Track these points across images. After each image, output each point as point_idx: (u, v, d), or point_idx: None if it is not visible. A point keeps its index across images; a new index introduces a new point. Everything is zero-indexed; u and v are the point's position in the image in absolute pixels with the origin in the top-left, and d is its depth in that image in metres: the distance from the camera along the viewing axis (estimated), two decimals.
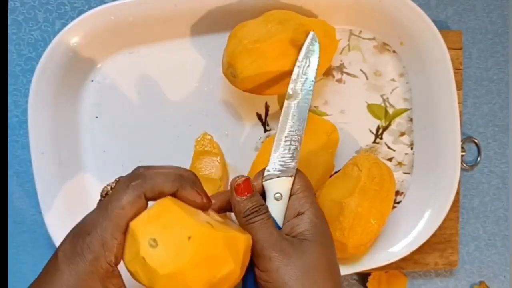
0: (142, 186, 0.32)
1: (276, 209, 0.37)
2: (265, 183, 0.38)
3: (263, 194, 0.38)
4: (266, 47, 0.41)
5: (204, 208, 0.35)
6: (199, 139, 0.48)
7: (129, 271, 0.32)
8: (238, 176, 0.37)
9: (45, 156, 0.46)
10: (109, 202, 0.32)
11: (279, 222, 0.37)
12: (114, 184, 0.34)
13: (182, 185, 0.33)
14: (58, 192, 0.46)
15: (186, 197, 0.34)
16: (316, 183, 0.47)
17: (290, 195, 0.38)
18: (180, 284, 0.31)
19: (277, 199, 0.37)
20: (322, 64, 0.45)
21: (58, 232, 0.46)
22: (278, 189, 0.37)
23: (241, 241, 0.33)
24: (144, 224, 0.31)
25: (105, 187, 0.35)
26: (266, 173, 0.38)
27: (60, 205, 0.46)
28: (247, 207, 0.36)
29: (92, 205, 0.34)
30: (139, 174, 0.33)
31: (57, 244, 0.46)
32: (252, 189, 0.36)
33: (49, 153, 0.46)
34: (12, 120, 0.50)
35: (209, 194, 0.36)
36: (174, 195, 0.34)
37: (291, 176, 0.38)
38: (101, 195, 0.35)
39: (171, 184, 0.33)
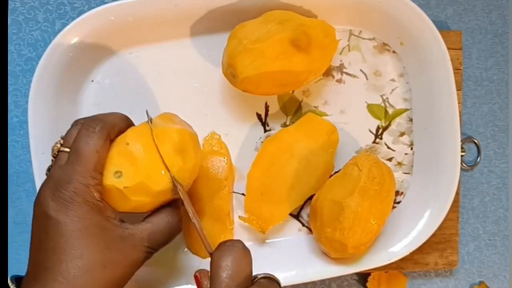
0: (106, 128, 0.36)
1: None
2: None
3: None
4: (266, 47, 0.41)
5: None
6: (207, 138, 0.48)
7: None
8: (199, 270, 0.36)
9: (45, 156, 0.46)
10: (79, 151, 0.35)
11: None
12: (62, 141, 0.37)
13: (130, 123, 0.39)
14: None
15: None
16: (315, 184, 0.47)
17: None
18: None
19: None
20: (322, 64, 0.45)
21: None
22: None
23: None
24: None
25: (55, 146, 0.37)
26: None
27: None
28: None
29: None
30: (98, 119, 0.37)
31: None
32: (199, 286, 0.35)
33: (49, 153, 0.46)
34: (12, 120, 0.50)
35: (215, 194, 0.46)
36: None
37: None
38: (53, 155, 0.37)
39: (125, 123, 0.38)
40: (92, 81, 0.48)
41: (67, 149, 0.36)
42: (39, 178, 0.45)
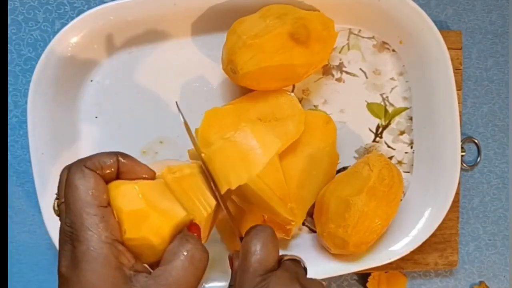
0: (85, 162, 0.31)
1: None
2: None
3: None
4: (265, 41, 0.41)
5: (151, 176, 0.34)
6: None
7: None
8: (234, 251, 0.36)
9: (45, 156, 0.46)
10: (69, 198, 0.30)
11: None
12: (57, 197, 0.33)
13: (119, 155, 0.32)
14: None
15: (130, 166, 0.33)
16: (324, 177, 0.47)
17: None
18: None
19: None
20: (322, 57, 0.45)
21: (58, 232, 0.46)
22: None
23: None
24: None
25: (54, 203, 0.35)
26: None
27: None
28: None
29: None
30: (82, 158, 0.32)
31: (57, 244, 0.46)
32: (232, 267, 0.35)
33: (49, 153, 0.46)
34: (12, 120, 0.50)
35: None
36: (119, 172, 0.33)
37: None
38: (57, 214, 0.33)
39: (110, 156, 0.32)
40: (92, 81, 0.48)
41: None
42: (39, 178, 0.46)
